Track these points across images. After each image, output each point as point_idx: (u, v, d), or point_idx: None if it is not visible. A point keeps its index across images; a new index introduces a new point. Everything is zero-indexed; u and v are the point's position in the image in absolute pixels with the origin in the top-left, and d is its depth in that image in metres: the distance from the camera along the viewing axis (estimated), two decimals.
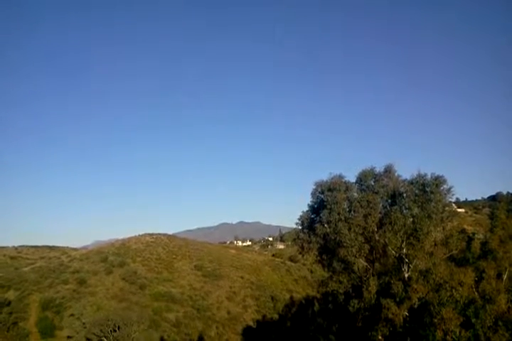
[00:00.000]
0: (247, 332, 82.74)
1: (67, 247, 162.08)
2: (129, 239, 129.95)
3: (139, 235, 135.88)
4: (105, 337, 65.95)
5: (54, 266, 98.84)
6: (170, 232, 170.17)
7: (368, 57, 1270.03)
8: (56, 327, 74.10)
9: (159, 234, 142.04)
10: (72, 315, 76.76)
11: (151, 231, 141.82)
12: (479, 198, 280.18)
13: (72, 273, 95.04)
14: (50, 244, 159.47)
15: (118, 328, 66.94)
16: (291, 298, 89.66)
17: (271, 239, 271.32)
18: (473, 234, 41.88)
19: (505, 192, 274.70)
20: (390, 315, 28.79)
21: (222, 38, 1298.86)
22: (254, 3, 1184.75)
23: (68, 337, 71.57)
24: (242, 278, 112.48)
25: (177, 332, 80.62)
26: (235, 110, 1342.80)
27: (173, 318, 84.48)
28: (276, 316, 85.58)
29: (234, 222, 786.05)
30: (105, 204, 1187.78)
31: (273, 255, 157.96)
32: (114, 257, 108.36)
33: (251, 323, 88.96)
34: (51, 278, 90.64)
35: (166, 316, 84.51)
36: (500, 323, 27.25)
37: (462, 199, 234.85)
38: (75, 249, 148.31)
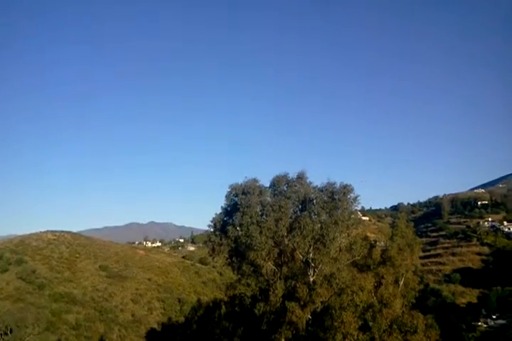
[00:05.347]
0: (151, 335, 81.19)
1: None
2: (29, 236, 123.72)
3: (41, 232, 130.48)
4: None
5: None
6: (74, 230, 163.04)
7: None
8: None
9: (62, 231, 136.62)
10: None
11: (53, 229, 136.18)
12: (383, 207, 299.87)
13: None
14: None
15: (10, 331, 62.70)
16: (199, 300, 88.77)
17: (182, 240, 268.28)
18: (375, 241, 44.06)
19: (405, 203, 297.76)
20: (294, 318, 29.45)
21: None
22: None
23: None
24: (149, 279, 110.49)
25: (76, 334, 77.52)
26: (153, 108, 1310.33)
27: (73, 320, 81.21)
28: (182, 319, 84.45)
29: (144, 222, 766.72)
30: (4, 197, 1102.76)
31: (183, 257, 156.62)
32: (10, 254, 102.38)
33: (155, 326, 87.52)
34: None
35: (66, 318, 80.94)
36: (394, 326, 28.79)
37: (367, 207, 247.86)
38: None
